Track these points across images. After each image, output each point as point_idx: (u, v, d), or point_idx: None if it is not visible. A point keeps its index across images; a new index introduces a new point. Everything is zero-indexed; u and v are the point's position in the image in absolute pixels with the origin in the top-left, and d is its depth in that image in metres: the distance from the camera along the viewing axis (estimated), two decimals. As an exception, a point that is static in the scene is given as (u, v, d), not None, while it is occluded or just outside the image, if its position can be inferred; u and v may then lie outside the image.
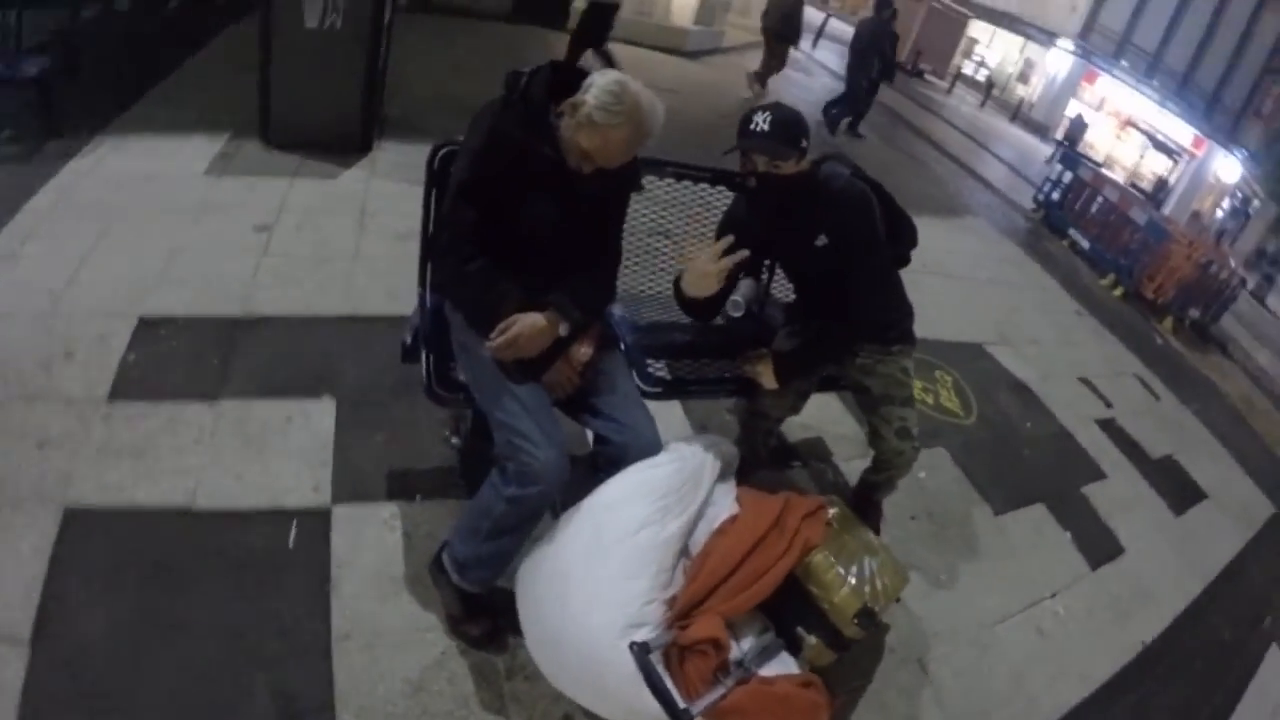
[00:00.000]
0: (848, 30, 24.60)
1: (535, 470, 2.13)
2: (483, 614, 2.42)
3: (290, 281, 3.90)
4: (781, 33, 11.02)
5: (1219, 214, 26.32)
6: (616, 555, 2.11)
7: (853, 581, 2.37)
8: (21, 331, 3.24)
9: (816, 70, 17.02)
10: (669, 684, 1.98)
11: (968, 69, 31.67)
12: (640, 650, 1.98)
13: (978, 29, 33.45)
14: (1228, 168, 25.33)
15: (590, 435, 2.55)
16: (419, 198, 2.60)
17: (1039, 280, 8.21)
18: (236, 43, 7.11)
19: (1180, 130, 26.23)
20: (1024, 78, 31.41)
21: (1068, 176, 10.67)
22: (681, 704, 1.95)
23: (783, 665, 2.21)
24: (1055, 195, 10.74)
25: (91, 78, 5.85)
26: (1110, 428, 5.47)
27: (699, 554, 2.24)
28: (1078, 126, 21.74)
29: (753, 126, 2.53)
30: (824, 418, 3.95)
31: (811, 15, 19.99)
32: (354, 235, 4.47)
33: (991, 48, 33.23)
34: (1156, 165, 27.40)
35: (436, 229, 2.52)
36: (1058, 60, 29.05)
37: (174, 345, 3.33)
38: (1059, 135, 21.28)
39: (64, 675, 2.14)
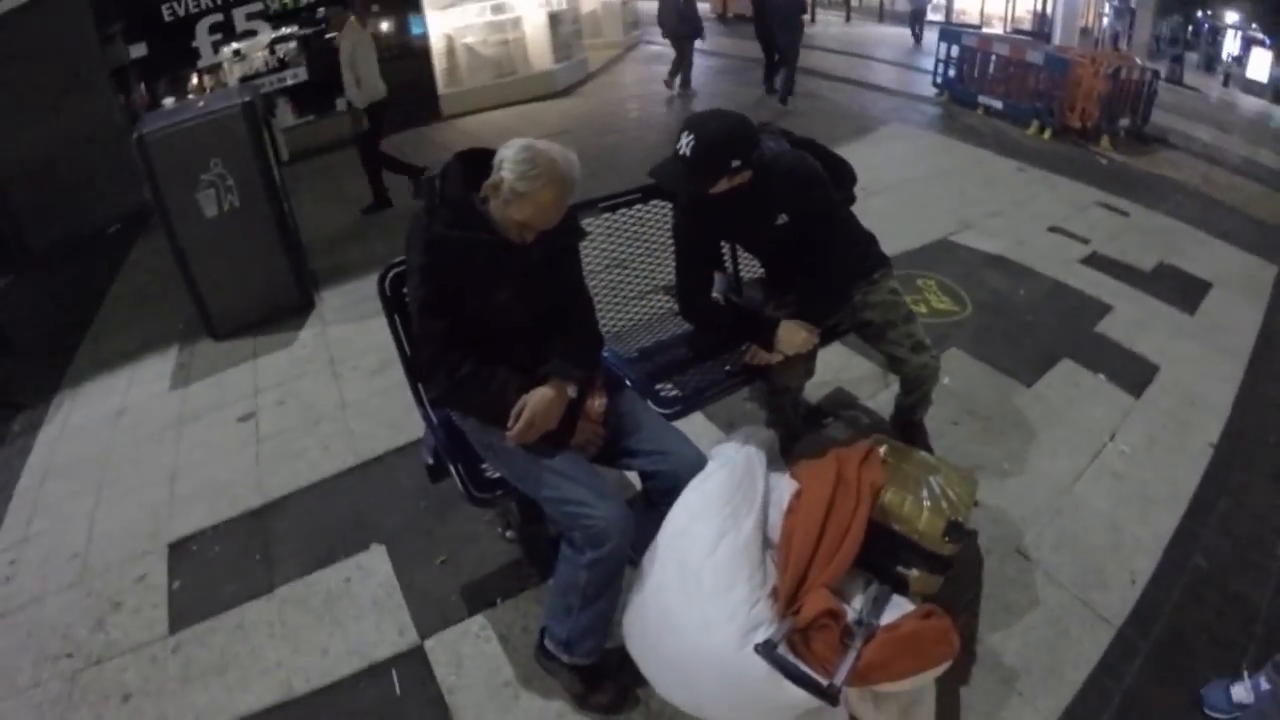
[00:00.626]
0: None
1: (602, 529, 2.16)
2: (604, 680, 2.43)
3: (293, 455, 3.91)
4: (682, 32, 11.50)
5: (1105, 21, 26.53)
6: (708, 574, 2.13)
7: (928, 504, 2.40)
8: (64, 603, 3.24)
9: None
10: (805, 669, 1.99)
11: (821, -8, 31.83)
12: (766, 649, 1.99)
13: (813, -51, 33.59)
14: (1096, -26, 25.53)
15: (636, 475, 2.58)
16: (377, 330, 2.65)
17: (972, 156, 8.32)
18: (147, 258, 7.15)
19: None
20: (876, -21, 31.57)
21: (955, 50, 10.81)
22: (824, 682, 1.96)
23: (898, 608, 2.22)
24: (951, 72, 10.89)
25: (26, 345, 5.88)
26: (1096, 261, 5.54)
27: (780, 539, 2.26)
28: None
29: (677, 149, 2.51)
30: (834, 368, 3.99)
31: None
32: (334, 388, 4.48)
33: (836, -39, 33.41)
34: (1029, 3, 27.60)
35: (414, 350, 2.53)
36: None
37: (211, 557, 3.33)
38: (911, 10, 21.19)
39: None
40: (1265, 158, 10.12)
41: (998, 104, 10.04)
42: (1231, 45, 25.69)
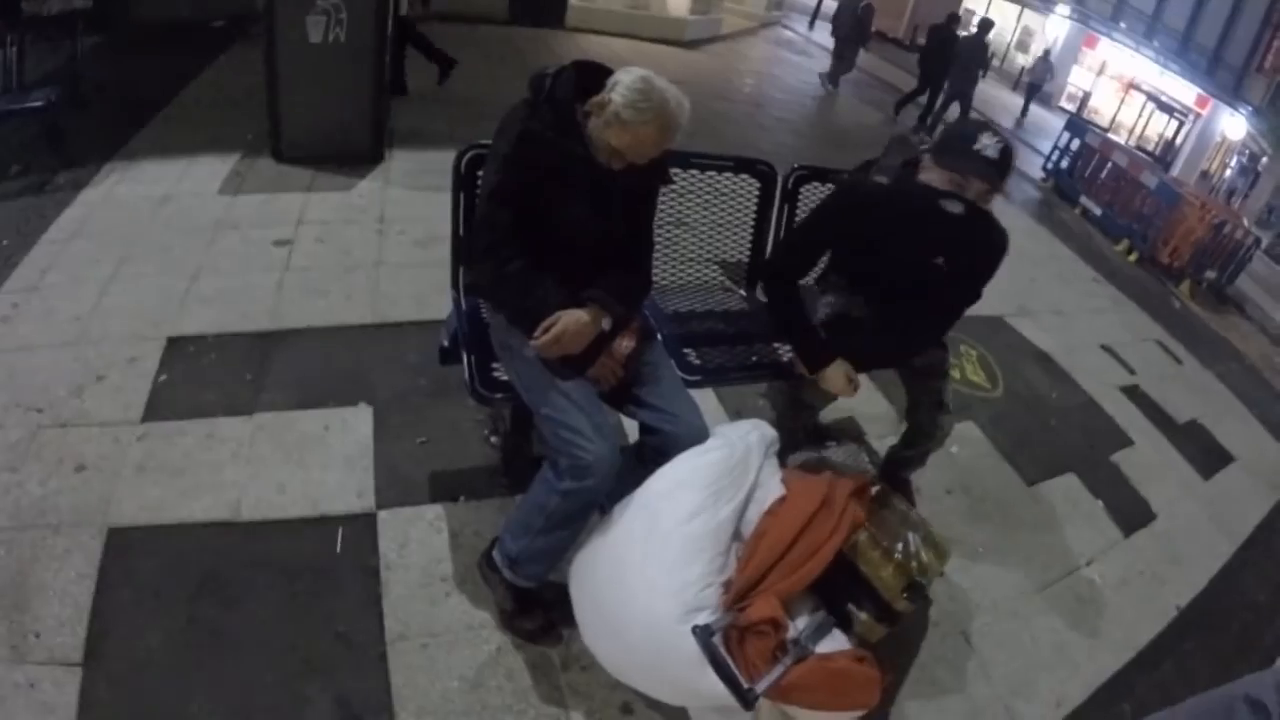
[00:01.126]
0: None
1: (588, 464, 2.14)
2: (536, 608, 2.43)
3: (315, 293, 3.92)
4: (851, 37, 11.88)
5: (1228, 173, 26.01)
6: (673, 542, 2.11)
7: (899, 557, 2.38)
8: (50, 359, 3.27)
9: (814, 51, 16.97)
10: (732, 665, 1.99)
11: (966, 42, 31.25)
12: (703, 633, 1.99)
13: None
14: (1234, 125, 24.95)
15: (636, 426, 2.53)
16: (436, 204, 2.63)
17: (1055, 250, 8.19)
18: (238, 63, 7.14)
19: (1183, 90, 25.88)
20: (1023, 46, 30.96)
21: (1075, 144, 10.63)
22: (745, 684, 1.96)
23: (836, 642, 2.21)
24: (1064, 163, 10.71)
25: (97, 107, 5.89)
26: (1135, 394, 5.44)
27: (752, 536, 2.24)
28: (1041, 70, 21.25)
29: (979, 149, 2.41)
30: (856, 398, 3.91)
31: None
32: (375, 244, 4.49)
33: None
34: (1161, 127, 27.08)
35: (471, 233, 2.52)
36: (1056, 26, 28.76)
37: (205, 363, 3.36)
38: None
39: (119, 693, 2.15)
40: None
41: (1097, 210, 9.86)
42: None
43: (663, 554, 2.11)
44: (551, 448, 2.24)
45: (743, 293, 3.47)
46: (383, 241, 4.52)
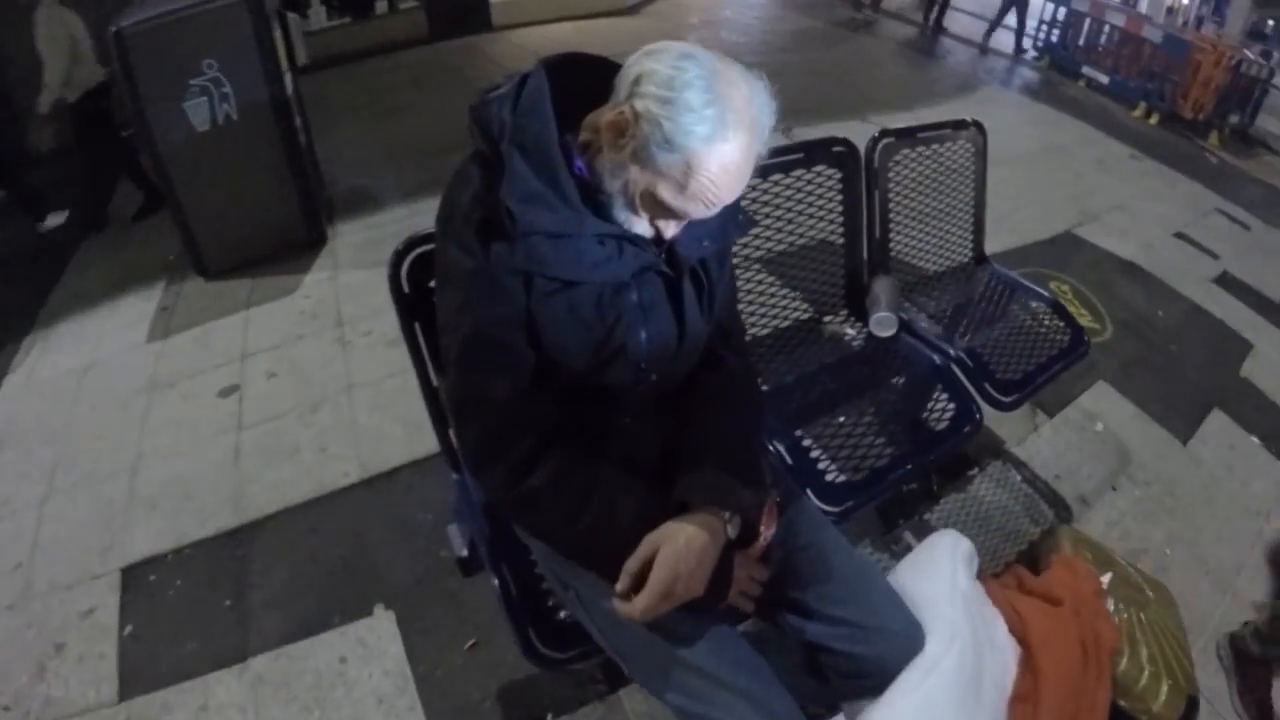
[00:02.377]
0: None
1: None
2: None
3: (280, 454, 3.14)
4: None
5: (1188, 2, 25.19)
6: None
7: (1165, 674, 1.78)
8: (3, 632, 2.57)
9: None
10: None
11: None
12: None
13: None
14: (1191, -49, 24.18)
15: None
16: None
17: (1081, 134, 7.53)
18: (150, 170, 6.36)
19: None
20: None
21: (1061, 13, 10.00)
22: None
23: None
24: (1054, 37, 10.12)
25: (13, 269, 5.11)
26: (1227, 282, 4.88)
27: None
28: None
29: None
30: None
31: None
32: (339, 360, 3.70)
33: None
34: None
35: (453, 417, 1.43)
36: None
37: (172, 595, 2.61)
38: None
39: None
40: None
41: (1103, 79, 9.26)
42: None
43: None
44: None
45: (850, 330, 2.51)
46: (347, 354, 3.73)
